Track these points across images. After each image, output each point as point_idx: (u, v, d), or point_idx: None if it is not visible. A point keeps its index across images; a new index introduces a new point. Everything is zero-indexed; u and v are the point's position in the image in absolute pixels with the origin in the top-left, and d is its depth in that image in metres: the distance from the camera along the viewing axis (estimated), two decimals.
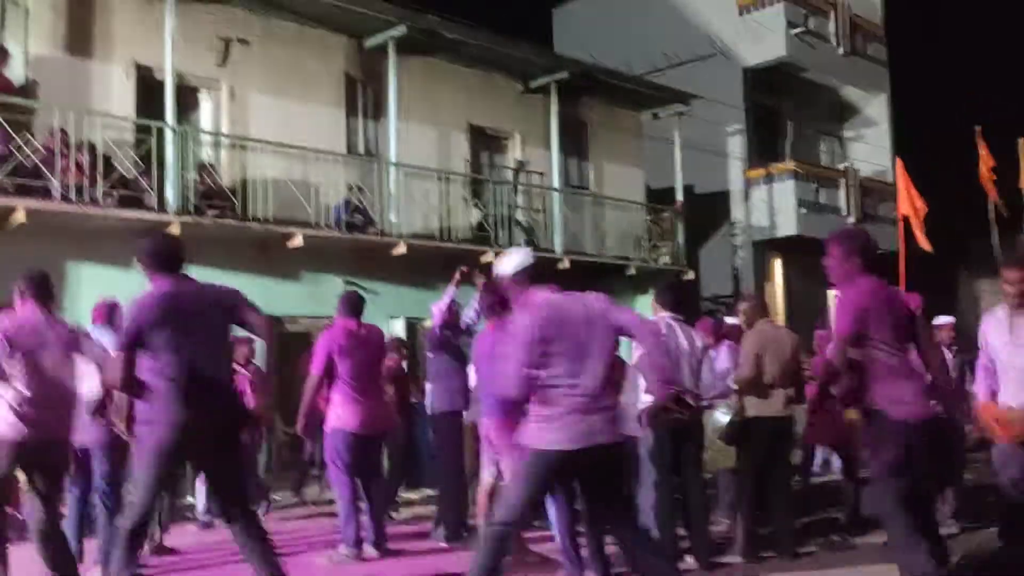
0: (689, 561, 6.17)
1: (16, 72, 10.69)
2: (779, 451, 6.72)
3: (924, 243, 11.78)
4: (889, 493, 4.53)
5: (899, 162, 12.41)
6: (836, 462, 9.28)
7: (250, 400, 8.27)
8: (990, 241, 12.94)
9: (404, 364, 9.72)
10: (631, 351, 6.27)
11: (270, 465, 10.46)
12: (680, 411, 5.84)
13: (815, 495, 8.76)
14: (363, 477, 6.90)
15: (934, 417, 4.78)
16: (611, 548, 5.57)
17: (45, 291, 5.36)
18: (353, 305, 7.09)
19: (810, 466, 9.63)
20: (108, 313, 6.75)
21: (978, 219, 12.38)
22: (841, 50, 20.27)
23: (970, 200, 13.08)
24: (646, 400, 7.01)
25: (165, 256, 4.78)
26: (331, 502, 7.83)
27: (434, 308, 7.60)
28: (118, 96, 11.43)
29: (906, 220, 11.94)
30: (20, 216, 9.84)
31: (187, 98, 12.09)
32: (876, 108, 21.99)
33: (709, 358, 6.97)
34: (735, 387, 6.73)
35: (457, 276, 7.56)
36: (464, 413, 7.51)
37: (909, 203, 11.77)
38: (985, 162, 11.81)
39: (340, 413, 6.78)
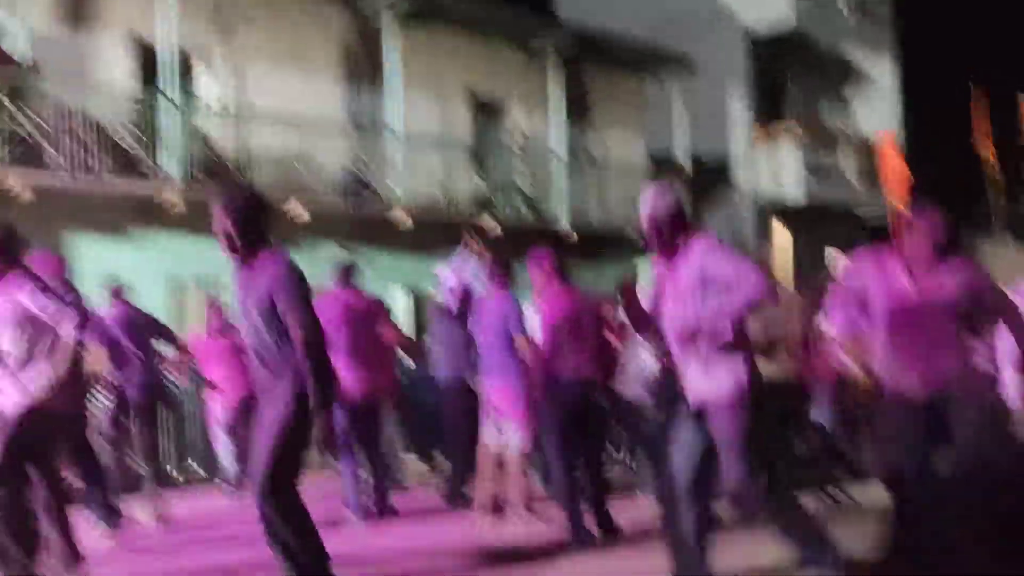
0: None
1: (17, 46, 10.66)
2: (784, 414, 6.72)
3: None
4: None
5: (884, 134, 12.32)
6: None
7: None
8: (994, 203, 12.87)
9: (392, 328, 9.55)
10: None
11: None
12: None
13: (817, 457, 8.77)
14: (364, 445, 6.93)
15: None
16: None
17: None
18: (345, 274, 7.09)
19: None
20: (60, 269, 6.07)
21: (983, 181, 12.31)
22: (847, 12, 20.04)
23: (976, 161, 13.00)
24: (648, 365, 7.05)
25: None
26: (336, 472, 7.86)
27: (446, 277, 7.62)
28: (118, 69, 11.40)
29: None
30: (21, 189, 9.85)
31: (187, 71, 12.07)
32: (882, 71, 21.76)
33: None
34: None
35: (472, 243, 7.62)
36: (469, 378, 7.53)
37: (887, 168, 11.74)
38: (978, 126, 11.73)
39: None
